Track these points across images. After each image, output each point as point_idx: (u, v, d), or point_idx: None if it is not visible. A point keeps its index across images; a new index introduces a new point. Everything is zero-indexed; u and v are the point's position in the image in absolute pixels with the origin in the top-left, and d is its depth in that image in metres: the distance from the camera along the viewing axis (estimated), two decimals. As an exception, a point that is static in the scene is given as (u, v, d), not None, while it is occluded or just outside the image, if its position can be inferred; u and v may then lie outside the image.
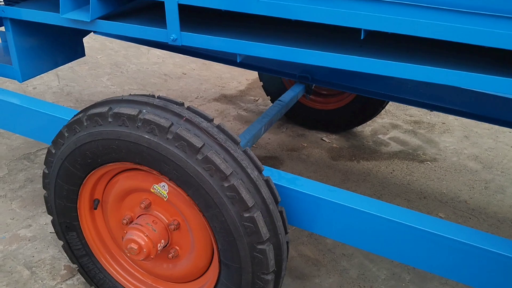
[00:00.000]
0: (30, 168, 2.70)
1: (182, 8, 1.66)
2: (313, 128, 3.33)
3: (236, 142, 1.49)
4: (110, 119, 1.52)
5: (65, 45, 2.40)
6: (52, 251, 2.18)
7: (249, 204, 1.41)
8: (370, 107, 3.07)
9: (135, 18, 1.90)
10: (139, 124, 1.47)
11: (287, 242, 1.57)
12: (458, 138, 3.43)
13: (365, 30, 1.43)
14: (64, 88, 3.62)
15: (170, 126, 1.43)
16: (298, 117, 3.27)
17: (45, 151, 2.87)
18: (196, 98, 3.66)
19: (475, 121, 3.62)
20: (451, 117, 3.68)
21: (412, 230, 1.42)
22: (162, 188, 1.60)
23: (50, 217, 2.32)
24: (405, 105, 3.80)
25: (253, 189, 1.45)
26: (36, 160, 2.78)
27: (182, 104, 1.57)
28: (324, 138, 3.26)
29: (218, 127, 1.50)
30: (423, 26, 1.31)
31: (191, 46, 1.74)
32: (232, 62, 2.68)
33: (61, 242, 1.85)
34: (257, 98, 3.76)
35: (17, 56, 2.15)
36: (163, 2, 1.66)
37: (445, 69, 1.35)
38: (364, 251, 2.29)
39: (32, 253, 2.16)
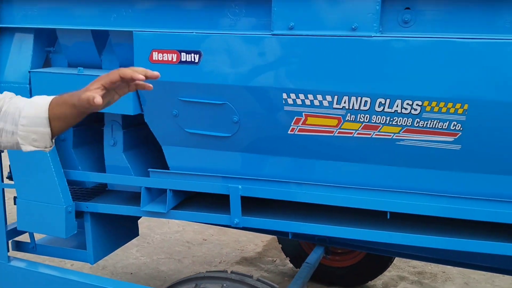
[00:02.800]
0: None
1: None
2: (331, 284, 3.66)
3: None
4: (198, 294, 1.89)
5: (126, 228, 2.85)
6: None
7: None
8: (381, 262, 3.48)
9: (198, 202, 2.39)
10: (224, 297, 1.84)
11: None
12: (459, 285, 3.79)
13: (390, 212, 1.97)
14: (98, 262, 3.91)
15: (250, 297, 1.81)
16: (317, 274, 3.61)
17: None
18: (219, 262, 4.00)
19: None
20: (449, 266, 4.08)
21: None
22: None
23: None
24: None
25: None
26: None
27: (251, 277, 1.97)
28: (344, 294, 3.57)
29: (286, 294, 1.89)
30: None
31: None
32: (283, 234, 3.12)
33: None
34: (275, 259, 4.13)
35: (92, 244, 2.55)
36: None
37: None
38: None
39: None
